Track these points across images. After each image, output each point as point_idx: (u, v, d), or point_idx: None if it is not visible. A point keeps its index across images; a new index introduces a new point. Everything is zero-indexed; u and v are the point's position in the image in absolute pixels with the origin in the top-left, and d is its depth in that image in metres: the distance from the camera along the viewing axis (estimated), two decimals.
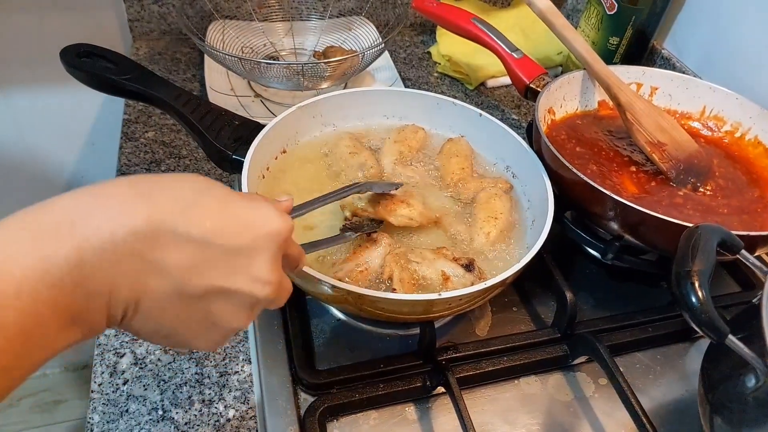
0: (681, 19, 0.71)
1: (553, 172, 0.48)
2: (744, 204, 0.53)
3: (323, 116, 0.54)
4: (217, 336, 0.26)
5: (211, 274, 0.24)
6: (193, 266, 0.23)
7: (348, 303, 0.39)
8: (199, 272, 0.24)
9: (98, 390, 0.41)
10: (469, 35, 0.63)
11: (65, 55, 0.49)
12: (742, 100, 0.59)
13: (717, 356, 0.36)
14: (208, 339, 0.26)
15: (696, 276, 0.32)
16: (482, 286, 0.38)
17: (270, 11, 0.76)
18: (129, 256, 0.22)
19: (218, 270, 0.24)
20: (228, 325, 0.26)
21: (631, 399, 0.40)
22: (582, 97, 0.61)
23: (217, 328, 0.26)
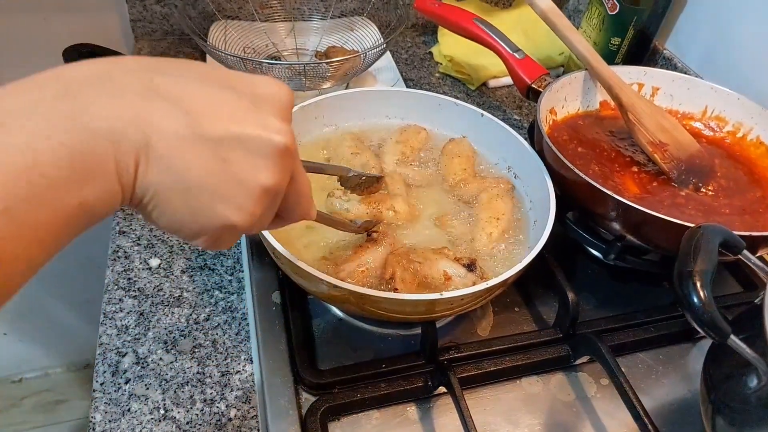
0: (683, 20, 0.71)
1: (554, 173, 0.48)
2: (746, 204, 0.52)
3: (325, 116, 0.54)
4: (245, 197, 0.23)
5: (223, 118, 0.22)
6: (203, 108, 0.22)
7: (350, 303, 0.39)
8: (211, 115, 0.22)
9: (100, 389, 0.41)
10: (471, 35, 0.63)
11: (68, 55, 0.49)
12: (743, 101, 0.59)
13: (719, 356, 0.36)
14: (237, 202, 0.23)
15: (698, 276, 0.32)
16: (484, 286, 0.38)
17: (272, 11, 0.76)
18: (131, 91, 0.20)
19: (230, 114, 0.22)
20: (253, 179, 0.23)
21: (632, 399, 0.40)
22: (584, 98, 0.61)
23: (243, 185, 0.23)
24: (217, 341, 0.45)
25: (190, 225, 0.23)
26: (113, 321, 0.45)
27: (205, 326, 0.46)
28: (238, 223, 0.23)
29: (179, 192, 0.22)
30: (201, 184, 0.22)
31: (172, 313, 0.46)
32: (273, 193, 0.24)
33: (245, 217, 0.23)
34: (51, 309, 1.07)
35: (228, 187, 0.22)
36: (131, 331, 0.45)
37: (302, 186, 0.27)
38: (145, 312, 0.46)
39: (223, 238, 0.24)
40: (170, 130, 0.21)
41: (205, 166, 0.22)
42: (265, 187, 0.23)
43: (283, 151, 0.23)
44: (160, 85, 0.21)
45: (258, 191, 0.23)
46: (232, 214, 0.23)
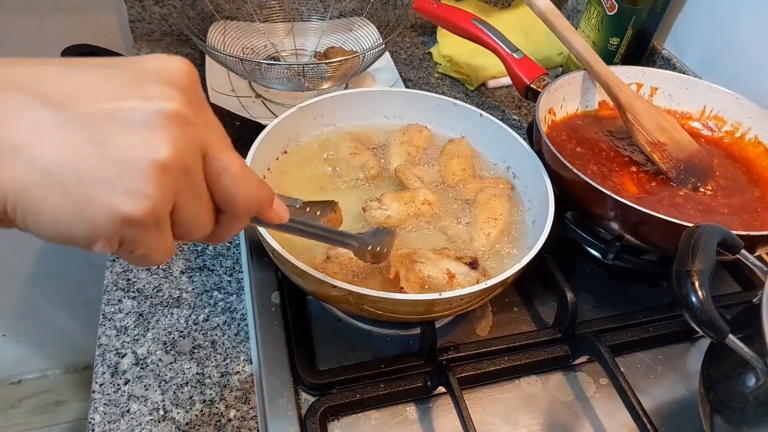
0: (681, 20, 0.71)
1: (553, 173, 0.48)
2: (744, 204, 0.53)
3: (324, 117, 0.54)
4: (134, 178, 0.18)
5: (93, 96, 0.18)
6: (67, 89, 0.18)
7: (349, 303, 0.39)
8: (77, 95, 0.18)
9: (99, 390, 0.41)
10: (470, 36, 0.63)
11: (66, 56, 0.49)
12: (742, 100, 0.59)
13: (717, 356, 0.36)
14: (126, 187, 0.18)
15: (696, 275, 0.32)
16: (483, 286, 0.38)
17: (271, 12, 0.76)
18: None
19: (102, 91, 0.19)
20: (139, 155, 0.18)
21: (631, 399, 0.40)
22: (582, 98, 0.61)
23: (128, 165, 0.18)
24: (216, 342, 0.45)
25: (79, 226, 0.18)
26: (112, 322, 0.45)
27: (205, 327, 0.46)
28: (133, 211, 0.19)
29: (52, 187, 0.18)
30: (77, 172, 0.18)
31: (171, 313, 0.46)
32: (174, 169, 0.19)
33: (141, 203, 0.19)
34: (50, 310, 1.07)
35: (111, 171, 0.18)
36: (130, 332, 0.45)
37: (228, 163, 0.21)
38: (144, 313, 0.46)
39: (131, 240, 0.20)
40: (25, 118, 0.18)
41: (78, 151, 0.18)
42: (158, 162, 0.19)
43: (174, 118, 0.19)
44: (13, 75, 0.18)
45: (149, 168, 0.19)
46: (122, 202, 0.18)
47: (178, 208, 0.20)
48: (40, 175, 0.18)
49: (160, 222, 0.20)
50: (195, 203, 0.21)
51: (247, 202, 0.23)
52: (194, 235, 0.22)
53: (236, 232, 0.24)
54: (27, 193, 0.18)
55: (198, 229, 0.22)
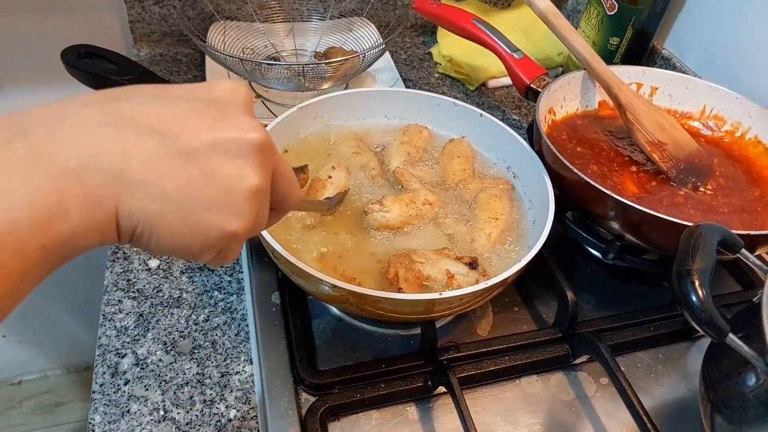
0: (681, 20, 0.71)
1: (554, 173, 0.48)
2: (744, 203, 0.53)
3: (324, 116, 0.54)
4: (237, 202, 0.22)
5: (195, 129, 0.22)
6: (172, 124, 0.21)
7: (349, 303, 0.39)
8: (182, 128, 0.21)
9: (99, 390, 0.41)
10: (470, 36, 0.63)
11: (66, 56, 0.49)
12: (742, 100, 0.59)
13: (717, 355, 0.36)
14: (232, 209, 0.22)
15: (696, 275, 0.32)
16: (483, 286, 0.38)
17: (271, 12, 0.76)
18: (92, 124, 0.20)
19: (200, 124, 0.22)
20: (240, 182, 0.22)
21: (632, 398, 0.40)
22: (582, 98, 0.61)
23: (232, 190, 0.22)
24: (216, 342, 0.45)
25: (192, 243, 0.22)
26: (112, 322, 0.45)
27: (205, 327, 0.46)
28: (238, 228, 0.23)
29: (172, 213, 0.21)
30: (193, 199, 0.21)
31: (171, 314, 0.46)
32: (262, 190, 0.23)
33: (244, 221, 0.23)
34: (50, 311, 1.07)
35: (219, 196, 0.22)
36: (130, 332, 0.45)
37: (287, 173, 0.26)
38: (145, 313, 0.46)
39: (227, 248, 0.24)
40: (144, 153, 0.20)
41: (192, 181, 0.21)
42: (253, 187, 0.23)
43: (261, 147, 0.23)
44: (120, 112, 0.21)
45: (248, 192, 0.23)
46: (229, 222, 0.22)
47: (257, 216, 0.24)
48: (165, 204, 0.21)
49: (249, 235, 0.24)
50: (265, 211, 0.25)
51: (294, 203, 0.27)
52: (257, 232, 0.26)
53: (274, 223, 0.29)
54: (155, 219, 0.21)
55: (260, 230, 0.26)
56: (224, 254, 0.24)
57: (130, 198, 0.20)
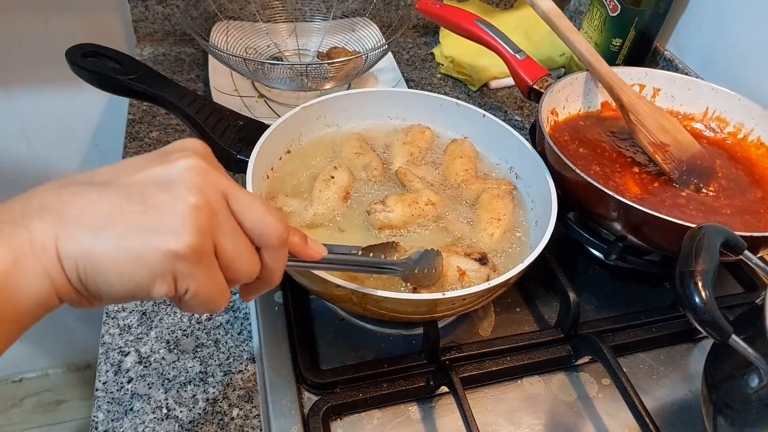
0: (684, 21, 0.71)
1: (556, 173, 0.48)
2: (747, 205, 0.53)
3: (327, 117, 0.54)
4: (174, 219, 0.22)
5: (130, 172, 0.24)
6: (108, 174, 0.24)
7: (352, 302, 0.39)
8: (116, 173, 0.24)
9: (103, 388, 0.41)
10: (472, 36, 0.63)
11: (71, 55, 0.49)
12: (744, 102, 0.59)
13: (720, 356, 0.36)
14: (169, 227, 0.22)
15: (699, 276, 0.32)
16: (486, 286, 0.38)
17: (274, 12, 0.76)
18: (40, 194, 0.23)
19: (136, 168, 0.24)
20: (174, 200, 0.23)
21: (634, 399, 0.40)
22: (585, 98, 0.61)
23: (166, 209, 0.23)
24: (219, 341, 0.45)
25: (138, 271, 0.22)
26: (116, 320, 0.45)
27: (208, 326, 0.46)
28: (178, 245, 0.22)
29: (108, 243, 0.22)
30: (126, 226, 0.22)
31: (174, 312, 0.47)
32: (206, 208, 0.23)
33: (182, 238, 0.22)
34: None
35: (154, 219, 0.22)
36: (134, 330, 0.45)
37: (249, 201, 0.25)
38: (148, 311, 0.46)
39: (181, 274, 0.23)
40: (81, 200, 0.22)
41: (124, 210, 0.22)
42: (190, 204, 0.23)
43: (194, 169, 0.24)
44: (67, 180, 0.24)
45: (182, 210, 0.23)
46: (168, 241, 0.22)
47: (219, 247, 0.24)
48: (99, 235, 0.22)
49: (203, 256, 0.23)
50: (233, 241, 0.24)
51: (276, 231, 0.26)
52: (242, 273, 0.25)
53: (281, 268, 0.27)
54: (92, 252, 0.22)
55: (243, 266, 0.25)
56: (184, 284, 0.23)
57: (65, 237, 0.22)
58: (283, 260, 0.27)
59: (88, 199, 0.23)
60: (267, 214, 0.26)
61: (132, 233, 0.22)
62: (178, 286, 0.23)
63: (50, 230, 0.22)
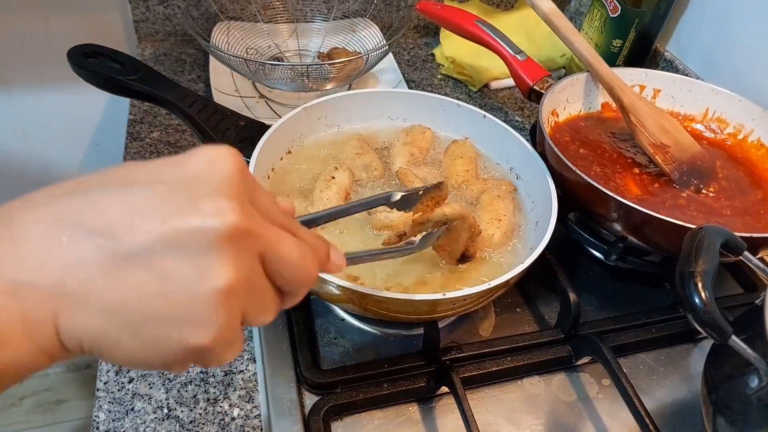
0: (684, 22, 0.71)
1: (556, 174, 0.48)
2: (747, 205, 0.53)
3: (328, 117, 0.54)
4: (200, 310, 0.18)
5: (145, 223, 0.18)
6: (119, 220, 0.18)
7: (352, 303, 0.39)
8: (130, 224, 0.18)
9: (104, 388, 0.41)
10: (473, 37, 0.63)
11: (72, 56, 0.49)
12: (744, 102, 0.59)
13: (720, 357, 0.36)
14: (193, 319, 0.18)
15: (699, 277, 0.32)
16: (486, 287, 0.38)
17: (274, 13, 0.76)
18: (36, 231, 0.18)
19: (152, 215, 0.18)
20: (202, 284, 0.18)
21: (634, 400, 0.40)
22: (585, 99, 0.61)
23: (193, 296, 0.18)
24: None
25: (153, 359, 0.19)
26: None
27: None
28: (204, 341, 0.19)
29: (119, 330, 0.18)
30: (142, 313, 0.18)
31: None
32: (236, 289, 0.19)
33: (210, 332, 0.19)
34: None
35: (176, 306, 0.18)
36: None
37: (286, 256, 0.21)
38: None
39: (201, 361, 0.20)
40: (85, 264, 0.18)
41: (140, 290, 0.18)
42: (220, 288, 0.18)
43: (230, 235, 0.18)
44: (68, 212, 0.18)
45: (212, 296, 0.18)
46: (191, 334, 0.18)
47: (246, 315, 0.21)
48: (108, 321, 0.18)
49: (228, 336, 0.20)
50: (261, 304, 0.21)
51: (309, 282, 0.23)
52: (265, 321, 0.22)
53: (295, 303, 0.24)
54: (101, 338, 0.18)
55: (267, 317, 0.22)
56: (200, 362, 0.20)
57: (69, 317, 0.18)
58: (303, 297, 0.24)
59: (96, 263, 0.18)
60: (303, 267, 0.22)
61: (148, 322, 0.18)
62: (199, 365, 0.21)
63: (48, 305, 0.18)
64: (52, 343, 0.18)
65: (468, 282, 0.43)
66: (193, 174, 0.19)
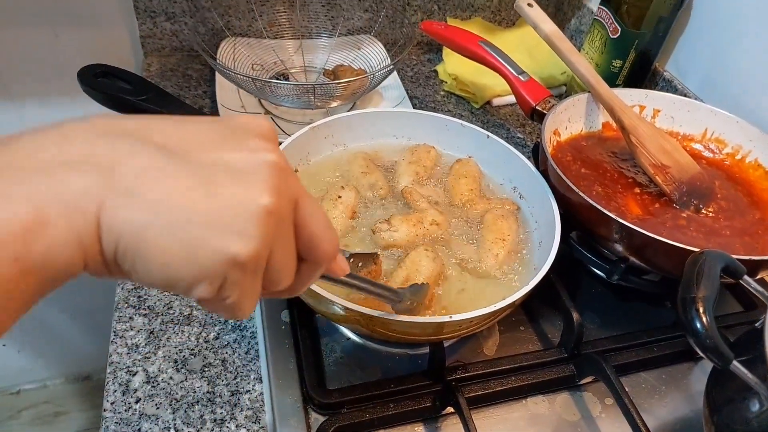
0: (683, 43, 0.73)
1: (559, 194, 0.49)
2: (746, 226, 0.54)
3: (334, 136, 0.55)
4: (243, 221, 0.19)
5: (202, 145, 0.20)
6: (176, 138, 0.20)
7: (359, 324, 0.39)
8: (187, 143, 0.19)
9: (111, 408, 0.42)
10: (477, 57, 0.64)
11: (83, 77, 0.50)
12: (742, 124, 0.60)
13: (721, 379, 0.37)
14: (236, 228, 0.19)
15: (701, 302, 0.33)
16: (492, 309, 0.38)
17: (280, 29, 0.78)
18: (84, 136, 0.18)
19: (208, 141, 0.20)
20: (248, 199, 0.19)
21: (636, 419, 0.40)
22: (587, 119, 0.62)
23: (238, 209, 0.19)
24: (226, 360, 0.45)
25: (186, 267, 0.19)
26: (123, 339, 0.46)
27: (215, 345, 0.46)
28: (242, 251, 0.19)
29: (162, 227, 0.18)
30: (188, 213, 0.18)
31: (182, 331, 0.47)
32: (276, 214, 0.20)
33: (249, 244, 0.19)
34: (51, 320, 1.07)
35: (223, 214, 0.19)
36: (141, 349, 0.45)
37: (315, 209, 0.22)
38: (155, 330, 0.47)
39: (230, 281, 0.20)
40: (138, 163, 0.18)
41: (189, 194, 0.18)
42: (264, 206, 0.19)
43: (276, 168, 0.20)
44: (120, 126, 0.19)
45: (257, 212, 0.19)
46: (233, 243, 0.19)
47: (271, 257, 0.21)
48: (154, 217, 0.18)
49: (259, 265, 0.20)
50: (286, 250, 0.22)
51: (330, 248, 0.23)
52: (280, 284, 0.22)
53: (309, 284, 0.25)
54: (140, 234, 0.18)
55: (285, 278, 0.22)
56: (227, 292, 0.20)
57: (113, 208, 0.17)
58: (317, 276, 0.25)
59: (150, 164, 0.18)
60: (328, 228, 0.23)
61: (193, 224, 0.18)
62: (221, 292, 0.20)
63: (94, 191, 0.17)
64: (90, 238, 0.18)
65: (472, 303, 0.43)
66: (239, 123, 0.22)
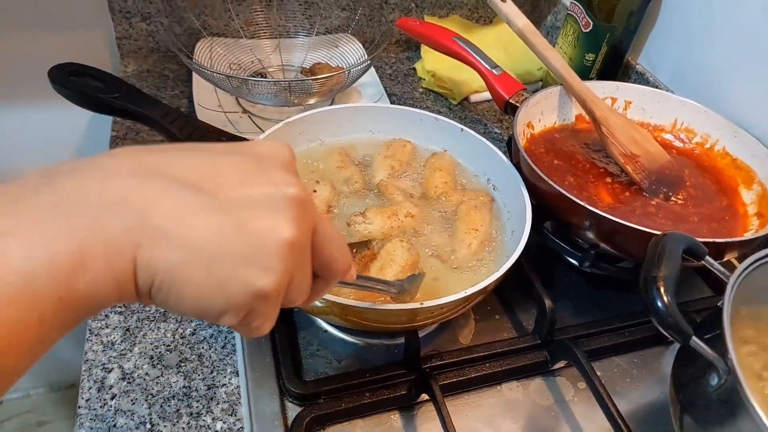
0: (654, 37, 0.74)
1: (531, 185, 0.50)
2: (713, 212, 0.55)
3: (310, 132, 0.55)
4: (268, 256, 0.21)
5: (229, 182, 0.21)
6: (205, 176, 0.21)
7: (333, 314, 0.40)
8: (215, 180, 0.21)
9: (86, 405, 0.41)
10: (452, 53, 0.65)
11: (54, 75, 0.50)
12: (710, 113, 0.62)
13: (685, 358, 0.38)
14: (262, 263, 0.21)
15: (662, 281, 0.34)
16: (463, 295, 0.39)
17: (257, 29, 0.78)
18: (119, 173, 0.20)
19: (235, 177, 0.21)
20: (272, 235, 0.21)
21: (607, 402, 0.41)
22: (560, 112, 0.63)
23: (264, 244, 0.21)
24: (203, 355, 0.45)
25: (217, 300, 0.21)
26: (99, 337, 0.46)
27: (192, 340, 0.46)
28: (267, 285, 0.21)
29: (196, 265, 0.20)
30: (219, 251, 0.20)
31: (158, 328, 0.47)
32: (297, 245, 0.22)
33: (273, 278, 0.21)
34: None
35: (249, 250, 0.20)
36: (117, 346, 0.45)
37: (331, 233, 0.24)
38: (131, 327, 0.47)
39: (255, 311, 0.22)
40: (169, 204, 0.20)
41: (220, 232, 0.20)
42: (286, 241, 0.21)
43: (297, 201, 0.22)
44: (150, 163, 0.20)
45: (280, 246, 0.21)
46: (258, 278, 0.21)
47: (291, 279, 0.22)
48: (189, 255, 0.20)
49: (281, 294, 0.22)
50: (304, 274, 0.24)
51: (345, 265, 0.26)
52: (297, 302, 0.24)
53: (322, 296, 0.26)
54: (174, 271, 0.20)
55: (301, 297, 0.24)
56: (251, 318, 0.22)
57: (150, 248, 0.19)
58: (330, 289, 0.27)
59: (180, 204, 0.20)
60: (342, 246, 0.25)
61: (223, 260, 0.20)
62: (247, 319, 0.22)
63: (130, 235, 0.19)
64: (126, 276, 0.19)
65: (446, 291, 0.44)
66: (262, 152, 0.23)
